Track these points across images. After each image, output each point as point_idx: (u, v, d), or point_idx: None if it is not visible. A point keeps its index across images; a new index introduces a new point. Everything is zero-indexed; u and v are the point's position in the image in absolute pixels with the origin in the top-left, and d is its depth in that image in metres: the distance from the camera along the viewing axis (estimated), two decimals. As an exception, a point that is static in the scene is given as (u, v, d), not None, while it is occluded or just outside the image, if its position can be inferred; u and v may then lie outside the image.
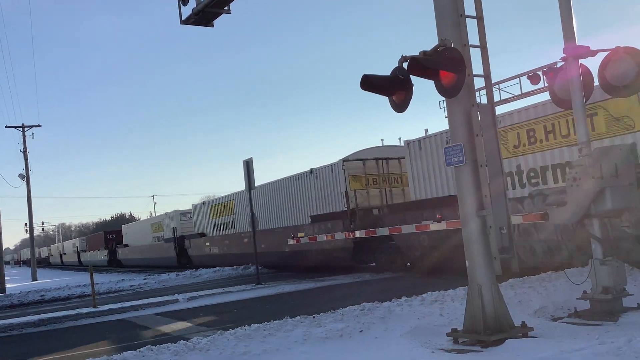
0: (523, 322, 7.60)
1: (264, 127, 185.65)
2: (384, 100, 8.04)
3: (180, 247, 36.97)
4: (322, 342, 8.18)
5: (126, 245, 50.84)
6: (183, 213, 38.84)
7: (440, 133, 17.24)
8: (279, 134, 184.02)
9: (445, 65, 7.22)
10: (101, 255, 56.55)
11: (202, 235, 34.20)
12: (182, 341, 8.41)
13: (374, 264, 20.87)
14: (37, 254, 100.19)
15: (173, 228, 38.15)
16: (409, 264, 19.16)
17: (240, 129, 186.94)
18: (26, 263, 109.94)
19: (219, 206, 32.20)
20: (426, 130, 20.06)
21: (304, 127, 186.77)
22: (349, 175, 20.62)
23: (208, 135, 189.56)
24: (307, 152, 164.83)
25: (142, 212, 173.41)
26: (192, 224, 36.86)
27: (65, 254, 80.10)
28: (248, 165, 20.79)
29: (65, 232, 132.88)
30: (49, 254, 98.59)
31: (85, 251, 64.97)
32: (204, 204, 35.84)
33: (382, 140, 22.84)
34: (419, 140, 18.15)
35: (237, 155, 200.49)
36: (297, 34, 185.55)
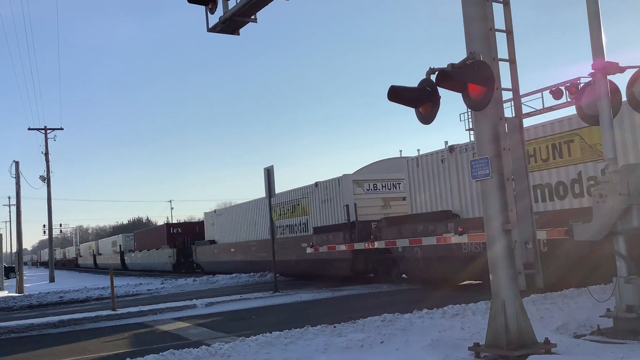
0: (546, 339, 7.54)
1: (282, 136, 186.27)
2: (403, 110, 8.05)
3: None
4: (343, 351, 8.18)
5: (212, 242, 36.01)
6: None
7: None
8: (297, 143, 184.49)
9: (474, 78, 7.22)
10: (163, 257, 44.04)
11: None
12: (203, 346, 8.46)
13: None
14: (61, 254, 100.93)
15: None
16: (404, 275, 19.96)
17: (258, 136, 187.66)
18: (45, 264, 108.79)
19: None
20: (446, 142, 20.44)
21: (324, 137, 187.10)
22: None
23: (226, 142, 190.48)
24: (327, 160, 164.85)
25: (159, 216, 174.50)
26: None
27: (100, 254, 68.56)
28: (269, 173, 20.86)
29: (83, 235, 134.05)
30: (77, 254, 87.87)
31: (132, 251, 54.77)
32: None
33: (401, 151, 23.19)
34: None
35: (254, 163, 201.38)
36: (318, 42, 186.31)
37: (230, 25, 11.26)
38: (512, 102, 8.00)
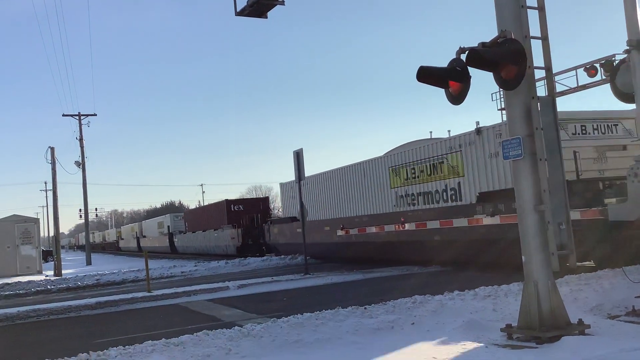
0: (580, 320, 7.47)
1: (312, 119, 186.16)
2: (433, 91, 7.98)
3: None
4: (374, 333, 8.23)
5: (293, 219, 27.51)
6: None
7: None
8: (328, 125, 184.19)
9: (506, 57, 7.12)
10: (224, 239, 37.51)
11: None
12: (236, 327, 8.59)
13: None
14: (100, 237, 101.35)
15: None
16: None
17: (289, 119, 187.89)
18: (82, 247, 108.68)
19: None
20: (477, 123, 19.78)
21: (353, 119, 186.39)
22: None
23: (257, 125, 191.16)
24: (355, 142, 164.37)
25: (191, 200, 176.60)
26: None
27: (144, 236, 62.74)
28: (298, 156, 20.91)
29: (118, 219, 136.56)
30: (118, 237, 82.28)
31: (183, 232, 49.14)
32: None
33: (431, 132, 22.61)
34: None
35: (284, 146, 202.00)
36: (347, 24, 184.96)
37: (258, 8, 11.29)
38: (545, 80, 7.85)
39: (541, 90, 7.85)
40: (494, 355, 6.83)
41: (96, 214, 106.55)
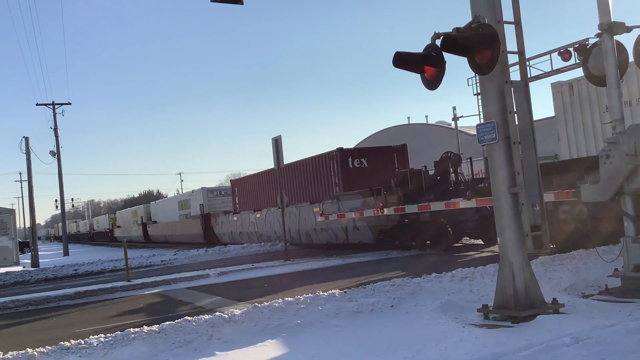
0: (554, 299, 7.66)
1: (290, 107, 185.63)
2: (411, 78, 8.05)
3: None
4: (354, 316, 8.34)
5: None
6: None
7: None
8: (304, 113, 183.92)
9: (480, 42, 7.21)
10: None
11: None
12: (217, 313, 8.64)
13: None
14: (87, 227, 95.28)
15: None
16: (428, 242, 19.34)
17: (266, 107, 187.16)
18: (69, 237, 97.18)
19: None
20: (454, 108, 20.03)
21: (330, 106, 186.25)
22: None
23: (234, 113, 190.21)
24: (335, 130, 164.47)
25: (169, 189, 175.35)
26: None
27: (154, 222, 50.28)
28: (277, 143, 20.91)
29: (95, 209, 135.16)
30: (112, 225, 68.43)
31: (231, 212, 33.73)
32: None
33: (409, 118, 22.63)
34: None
35: (262, 134, 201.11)
36: (323, 9, 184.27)
37: (233, -6, 11.21)
38: (518, 64, 7.97)
39: (515, 75, 7.94)
40: (471, 334, 6.98)
41: (72, 204, 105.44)
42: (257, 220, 29.97)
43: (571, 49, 21.47)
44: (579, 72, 18.32)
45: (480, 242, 19.05)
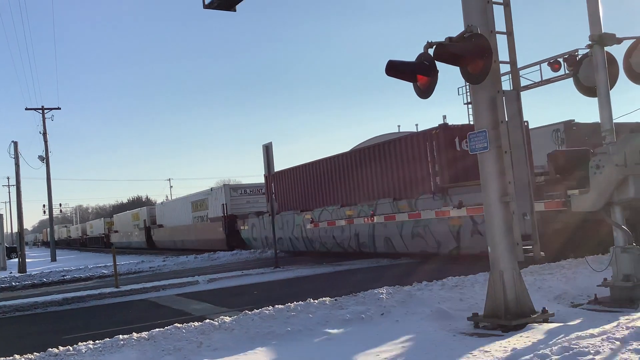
0: (544, 308, 7.69)
1: (280, 113, 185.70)
2: (401, 86, 8.09)
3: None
4: (344, 324, 8.32)
5: None
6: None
7: None
8: (295, 120, 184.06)
9: (472, 51, 7.25)
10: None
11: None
12: (207, 320, 8.59)
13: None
14: (79, 231, 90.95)
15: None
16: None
17: (256, 114, 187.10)
18: (56, 243, 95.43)
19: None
20: (444, 117, 20.09)
21: (322, 114, 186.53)
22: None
23: (224, 120, 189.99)
24: (326, 137, 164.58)
25: (158, 195, 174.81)
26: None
27: (160, 226, 44.92)
28: (268, 150, 20.90)
29: (83, 214, 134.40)
30: (108, 229, 62.80)
31: (262, 214, 28.02)
32: None
33: (399, 126, 22.55)
34: None
35: (253, 141, 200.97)
36: (317, 19, 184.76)
37: (227, 1, 11.21)
38: (510, 74, 8.03)
39: (506, 85, 8.00)
40: (461, 343, 6.99)
41: (60, 210, 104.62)
42: (303, 223, 24.52)
43: (561, 60, 21.69)
44: (568, 82, 18.51)
45: None
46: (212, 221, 35.38)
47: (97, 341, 7.99)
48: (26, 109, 47.47)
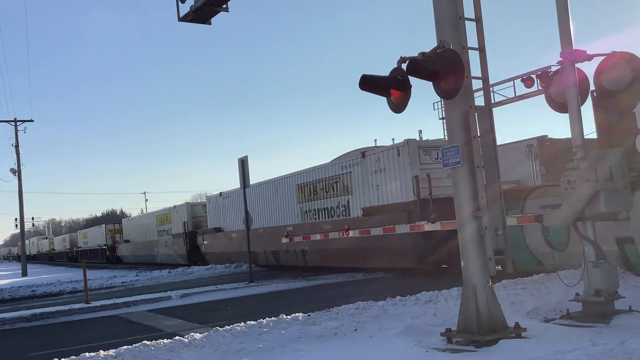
0: (517, 323, 7.67)
1: (258, 127, 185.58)
2: (378, 101, 8.09)
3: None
4: (317, 340, 8.22)
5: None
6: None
7: None
8: (272, 134, 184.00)
9: (444, 67, 7.27)
10: None
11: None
12: (177, 337, 8.42)
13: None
14: (65, 243, 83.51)
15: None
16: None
17: (233, 128, 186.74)
18: (34, 257, 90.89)
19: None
20: (420, 131, 20.29)
21: (297, 128, 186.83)
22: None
23: (200, 134, 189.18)
24: (302, 151, 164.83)
25: (133, 208, 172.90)
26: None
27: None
28: (243, 163, 20.79)
29: (56, 228, 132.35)
30: (111, 238, 52.15)
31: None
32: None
33: (376, 140, 22.70)
34: None
35: (229, 154, 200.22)
36: (294, 34, 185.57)
37: (202, 14, 11.14)
38: (483, 90, 8.06)
39: (480, 100, 8.03)
40: (434, 359, 6.93)
41: (33, 223, 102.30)
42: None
43: (534, 76, 21.98)
44: (542, 98, 18.73)
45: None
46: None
47: (62, 359, 7.78)
48: (-2, 120, 46.72)
